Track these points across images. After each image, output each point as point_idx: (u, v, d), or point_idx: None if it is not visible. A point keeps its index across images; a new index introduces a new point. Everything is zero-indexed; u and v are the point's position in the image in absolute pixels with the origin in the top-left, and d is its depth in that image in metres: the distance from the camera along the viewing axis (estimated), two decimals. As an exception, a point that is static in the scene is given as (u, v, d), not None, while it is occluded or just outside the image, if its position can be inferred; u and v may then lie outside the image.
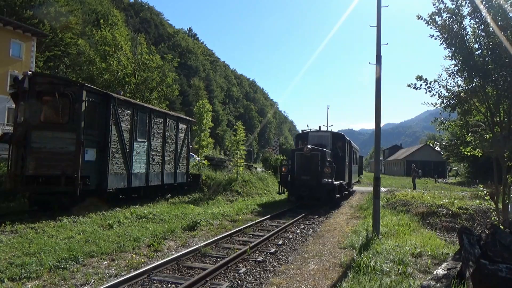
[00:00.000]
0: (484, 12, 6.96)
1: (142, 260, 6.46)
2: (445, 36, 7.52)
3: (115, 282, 5.07)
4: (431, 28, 7.70)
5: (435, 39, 7.75)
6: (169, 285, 5.34)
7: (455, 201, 13.69)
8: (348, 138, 19.25)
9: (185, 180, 17.17)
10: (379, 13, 9.61)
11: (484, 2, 6.96)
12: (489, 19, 6.88)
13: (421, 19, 7.77)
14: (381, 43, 9.62)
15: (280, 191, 16.30)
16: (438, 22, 7.48)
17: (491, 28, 6.99)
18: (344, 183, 17.53)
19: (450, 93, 7.95)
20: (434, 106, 8.23)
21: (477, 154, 8.90)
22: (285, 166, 16.14)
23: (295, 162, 15.36)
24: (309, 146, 15.12)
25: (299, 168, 15.25)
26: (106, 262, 6.34)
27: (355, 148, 23.74)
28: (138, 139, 13.09)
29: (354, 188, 26.52)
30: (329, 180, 14.80)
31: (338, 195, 16.01)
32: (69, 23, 38.43)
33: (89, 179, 10.87)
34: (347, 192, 19.76)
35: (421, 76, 8.00)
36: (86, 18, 47.33)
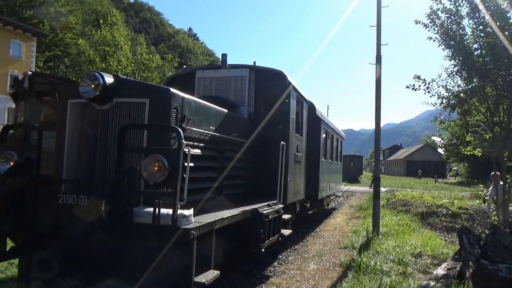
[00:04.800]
0: (484, 12, 6.97)
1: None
2: (444, 37, 7.53)
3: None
4: (429, 30, 7.73)
5: (434, 41, 7.77)
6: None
7: (455, 201, 13.68)
8: (309, 100, 8.81)
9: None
10: (379, 13, 9.62)
11: (483, 2, 6.97)
12: (489, 18, 6.89)
13: (419, 23, 7.79)
14: (381, 43, 9.63)
15: None
16: (437, 23, 7.50)
17: (489, 29, 7.00)
18: (278, 208, 5.90)
19: (449, 93, 7.96)
20: (434, 106, 8.25)
21: (477, 154, 8.91)
22: None
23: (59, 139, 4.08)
24: (95, 76, 3.62)
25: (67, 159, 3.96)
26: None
27: (333, 129, 12.20)
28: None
29: (353, 188, 25.62)
30: (169, 211, 3.24)
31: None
32: (69, 23, 38.46)
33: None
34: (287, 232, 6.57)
35: (419, 76, 8.03)
36: (86, 18, 47.36)
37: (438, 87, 7.96)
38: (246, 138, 6.15)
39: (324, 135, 10.31)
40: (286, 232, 6.63)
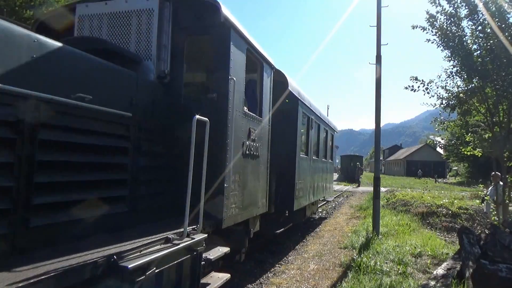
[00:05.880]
0: (484, 12, 6.98)
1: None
2: (443, 39, 7.54)
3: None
4: (427, 33, 7.74)
5: (432, 43, 7.78)
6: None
7: (455, 201, 13.70)
8: (278, 69, 6.40)
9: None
10: (379, 13, 9.64)
11: (483, 3, 6.98)
12: (488, 19, 6.90)
13: (417, 27, 7.80)
14: (381, 43, 9.65)
15: None
16: (436, 25, 7.51)
17: (488, 29, 7.02)
18: (190, 242, 3.11)
19: (449, 94, 7.97)
20: (434, 106, 8.26)
21: (476, 154, 8.92)
22: None
23: None
24: None
25: None
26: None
27: (319, 116, 9.66)
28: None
29: (353, 188, 25.46)
30: None
31: None
32: (69, 23, 38.50)
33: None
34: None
35: (416, 77, 8.04)
36: (86, 18, 47.41)
37: (437, 87, 7.98)
38: (149, 113, 3.62)
39: (303, 123, 7.86)
40: (217, 280, 3.87)
